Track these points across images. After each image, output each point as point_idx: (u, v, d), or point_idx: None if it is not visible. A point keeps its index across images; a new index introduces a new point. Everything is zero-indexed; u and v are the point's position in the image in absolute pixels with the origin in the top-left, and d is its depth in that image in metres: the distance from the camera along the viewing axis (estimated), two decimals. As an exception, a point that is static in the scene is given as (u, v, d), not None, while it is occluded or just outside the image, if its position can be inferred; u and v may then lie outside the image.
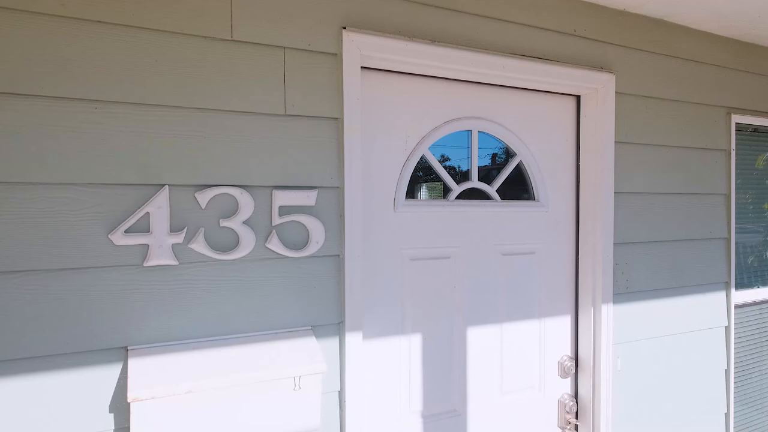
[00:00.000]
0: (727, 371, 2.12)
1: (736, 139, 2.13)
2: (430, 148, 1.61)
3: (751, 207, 2.29)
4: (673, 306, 1.97)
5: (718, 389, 2.10)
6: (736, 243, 2.17)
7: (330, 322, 1.36)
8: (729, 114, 2.09)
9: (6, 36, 1.05)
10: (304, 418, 1.23)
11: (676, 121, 1.96)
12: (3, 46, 1.04)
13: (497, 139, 1.74)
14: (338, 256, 1.37)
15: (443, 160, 1.66)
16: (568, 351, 1.87)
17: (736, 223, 2.16)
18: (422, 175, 1.65)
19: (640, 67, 1.87)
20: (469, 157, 1.70)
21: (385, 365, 1.54)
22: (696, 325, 2.03)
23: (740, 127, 2.18)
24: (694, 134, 2.00)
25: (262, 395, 1.19)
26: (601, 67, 1.78)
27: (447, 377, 1.64)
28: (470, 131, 1.68)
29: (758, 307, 2.29)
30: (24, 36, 1.06)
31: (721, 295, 2.10)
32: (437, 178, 1.66)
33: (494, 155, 1.77)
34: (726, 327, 2.12)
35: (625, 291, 1.86)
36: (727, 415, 2.13)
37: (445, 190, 1.66)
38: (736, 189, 2.16)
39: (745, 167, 2.25)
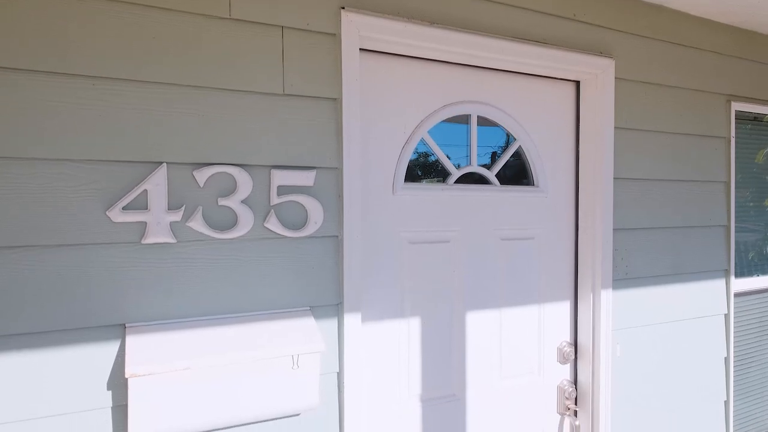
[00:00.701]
0: (726, 359, 2.12)
1: (736, 128, 2.13)
2: (429, 133, 1.60)
3: (751, 200, 2.29)
4: (672, 293, 1.97)
5: (717, 377, 2.10)
6: (735, 231, 2.16)
7: (328, 303, 1.36)
8: (729, 101, 2.09)
9: (9, 11, 1.04)
10: (302, 397, 1.23)
11: (675, 107, 1.95)
12: (5, 21, 1.04)
13: (496, 134, 1.74)
14: (337, 236, 1.37)
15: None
16: (567, 337, 1.86)
17: (735, 212, 2.15)
18: (421, 170, 1.64)
19: (640, 52, 1.87)
20: (468, 144, 1.69)
21: (384, 348, 1.54)
22: (696, 312, 2.03)
23: (740, 116, 2.18)
24: (694, 121, 2.00)
25: (260, 373, 1.18)
26: (600, 52, 1.77)
27: (446, 361, 1.63)
28: (469, 116, 1.68)
29: (758, 296, 2.29)
30: (26, 11, 1.06)
31: (720, 283, 2.09)
32: (436, 168, 1.65)
33: (493, 153, 1.76)
34: (726, 315, 2.11)
35: (624, 277, 1.85)
36: (726, 403, 2.13)
37: (445, 176, 1.66)
38: (736, 179, 2.15)
39: (745, 157, 2.24)
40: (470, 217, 1.66)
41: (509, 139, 1.76)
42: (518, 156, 1.79)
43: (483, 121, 1.71)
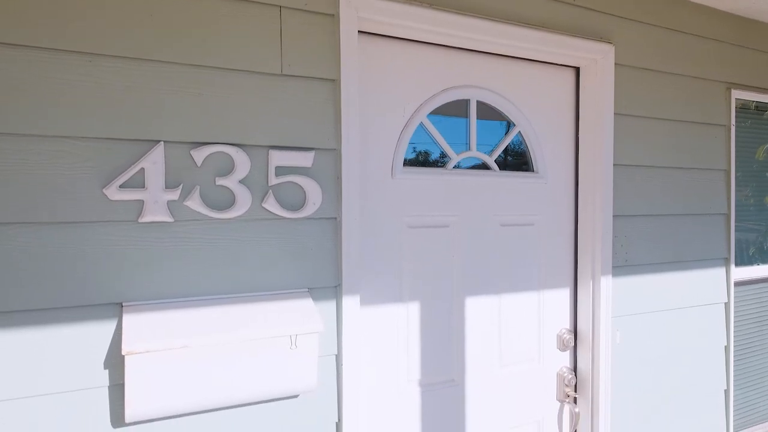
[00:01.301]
0: (726, 348, 2.11)
1: (736, 118, 2.13)
2: (429, 118, 1.60)
3: (752, 195, 2.28)
4: (672, 280, 1.96)
5: (717, 365, 2.09)
6: (736, 227, 2.14)
7: (327, 285, 1.35)
8: (729, 89, 2.08)
9: (0, -15, 1.04)
10: (300, 378, 1.22)
11: (675, 94, 1.95)
12: (-3, -5, 1.04)
13: (496, 130, 1.73)
14: (335, 218, 1.36)
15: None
16: (567, 324, 1.86)
17: (736, 206, 2.14)
18: (421, 156, 1.63)
19: (640, 39, 1.86)
20: (467, 136, 1.68)
21: (383, 332, 1.53)
22: (696, 300, 2.02)
23: (741, 109, 2.17)
24: (694, 108, 1.99)
25: (258, 353, 1.18)
26: (600, 38, 1.77)
27: (445, 347, 1.63)
28: (468, 101, 1.67)
29: (759, 285, 2.28)
30: (18, -14, 1.05)
31: (720, 271, 2.09)
32: (437, 162, 1.64)
33: (493, 152, 1.75)
34: (726, 303, 2.11)
35: (624, 264, 1.85)
36: (726, 391, 2.12)
37: (444, 163, 1.65)
38: (736, 174, 2.14)
39: (746, 153, 2.23)
40: (470, 203, 1.66)
41: (509, 128, 1.76)
42: (518, 145, 1.78)
43: (482, 114, 1.69)
